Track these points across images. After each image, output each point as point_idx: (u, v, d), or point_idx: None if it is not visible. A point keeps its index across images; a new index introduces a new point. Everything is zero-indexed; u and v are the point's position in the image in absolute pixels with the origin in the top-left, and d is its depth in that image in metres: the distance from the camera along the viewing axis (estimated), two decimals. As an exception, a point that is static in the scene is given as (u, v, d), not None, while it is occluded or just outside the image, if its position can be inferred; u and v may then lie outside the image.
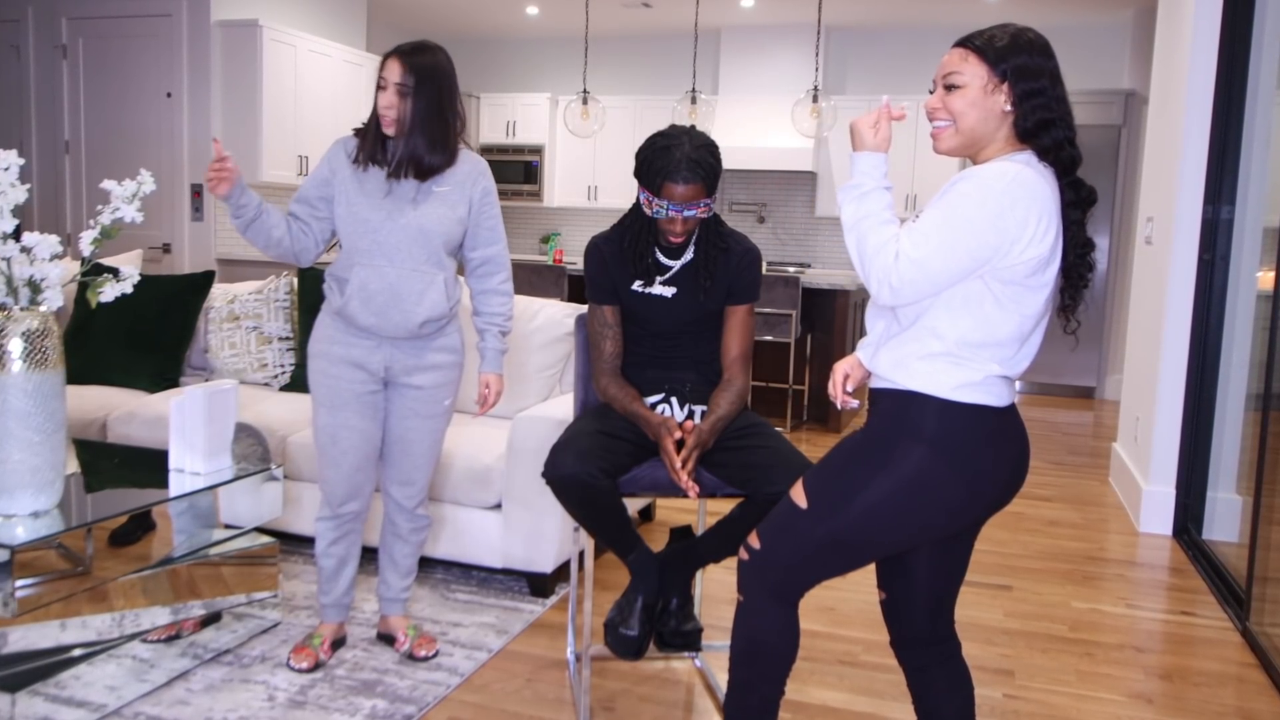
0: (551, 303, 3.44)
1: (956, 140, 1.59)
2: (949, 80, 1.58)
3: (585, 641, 2.30)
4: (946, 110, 1.58)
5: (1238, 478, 3.75)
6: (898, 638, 1.80)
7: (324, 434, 2.41)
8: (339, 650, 2.58)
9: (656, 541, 2.51)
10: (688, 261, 2.31)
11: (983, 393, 1.56)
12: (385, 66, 2.27)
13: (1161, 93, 4.35)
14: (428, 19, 8.13)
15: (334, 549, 2.50)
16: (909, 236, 1.53)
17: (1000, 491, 1.62)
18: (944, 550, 1.72)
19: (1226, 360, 3.78)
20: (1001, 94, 1.55)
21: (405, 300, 2.32)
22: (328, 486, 2.44)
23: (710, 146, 2.19)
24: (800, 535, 1.65)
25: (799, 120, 6.03)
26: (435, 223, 2.34)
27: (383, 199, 2.32)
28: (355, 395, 2.39)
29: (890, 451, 1.57)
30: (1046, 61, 1.56)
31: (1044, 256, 1.52)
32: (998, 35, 1.56)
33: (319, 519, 2.50)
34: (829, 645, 2.77)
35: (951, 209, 1.51)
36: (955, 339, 1.55)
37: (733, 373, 2.32)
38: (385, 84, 2.27)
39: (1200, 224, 3.79)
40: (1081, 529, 4.00)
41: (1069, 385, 7.26)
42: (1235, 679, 2.68)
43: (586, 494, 2.09)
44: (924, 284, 1.52)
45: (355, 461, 2.42)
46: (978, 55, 1.56)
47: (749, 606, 1.72)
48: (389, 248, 2.32)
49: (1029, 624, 2.99)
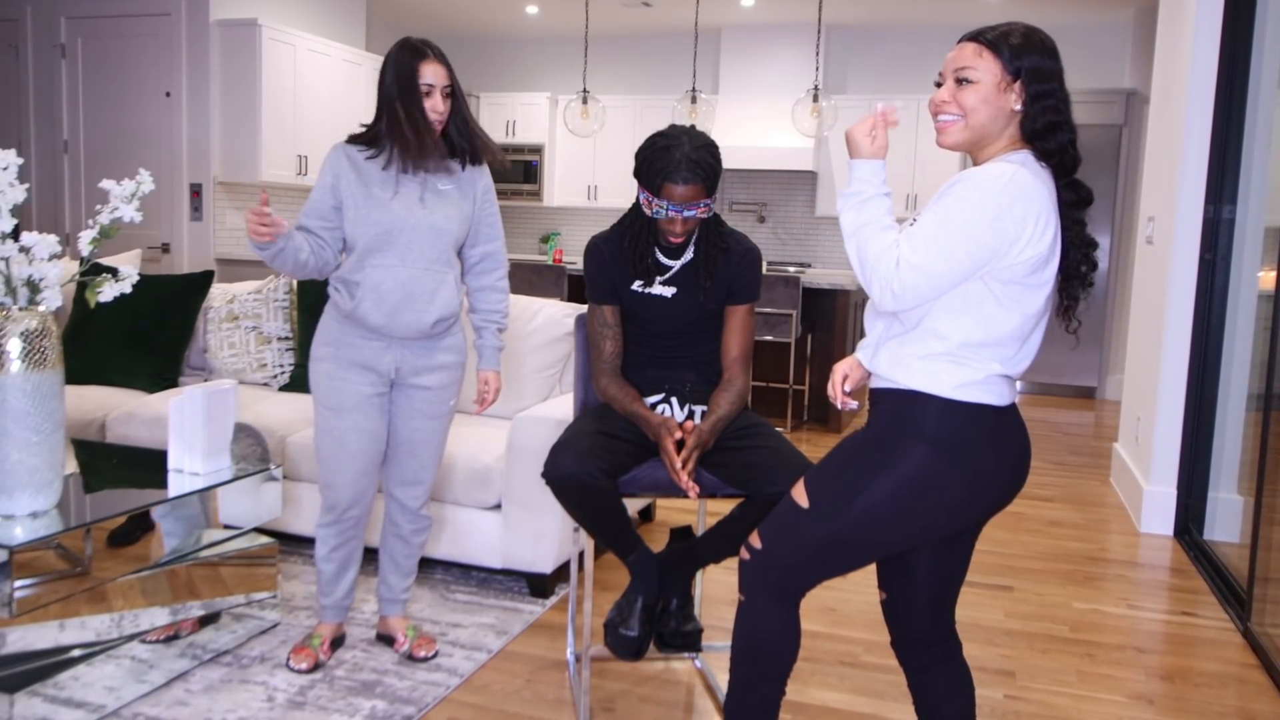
0: (551, 303, 3.44)
1: (964, 135, 1.58)
2: (961, 74, 1.56)
3: (585, 642, 2.30)
4: (957, 104, 1.57)
5: (1239, 478, 3.75)
6: (898, 638, 1.80)
7: (330, 438, 2.38)
8: (338, 650, 2.58)
9: (656, 542, 2.51)
10: (688, 261, 2.30)
11: (984, 392, 1.56)
12: (424, 71, 2.27)
13: (1163, 92, 4.35)
14: (427, 18, 8.12)
15: (336, 554, 2.49)
16: (909, 242, 1.52)
17: (1001, 491, 1.62)
18: (945, 550, 1.72)
19: (1228, 360, 3.77)
20: (1013, 93, 1.54)
21: (418, 300, 2.32)
22: (333, 492, 2.42)
23: (710, 146, 2.18)
24: (801, 535, 1.64)
25: (799, 120, 6.03)
26: (445, 221, 2.35)
27: (390, 200, 2.31)
28: (364, 398, 2.37)
29: (891, 451, 1.57)
30: (1055, 64, 1.56)
31: (1043, 255, 1.52)
32: (1012, 33, 1.55)
33: (321, 525, 2.47)
34: (830, 646, 2.76)
35: (949, 212, 1.51)
36: (958, 340, 1.55)
37: (733, 373, 2.32)
38: (431, 90, 2.28)
39: (1201, 224, 3.78)
40: (1082, 529, 4.00)
41: (1070, 385, 7.26)
42: (1236, 680, 2.67)
43: (586, 494, 2.09)
44: (926, 289, 1.52)
45: (362, 465, 2.40)
46: (992, 52, 1.54)
47: (750, 606, 1.71)
48: (401, 248, 2.31)
49: (1030, 624, 2.98)
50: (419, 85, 2.27)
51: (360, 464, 2.40)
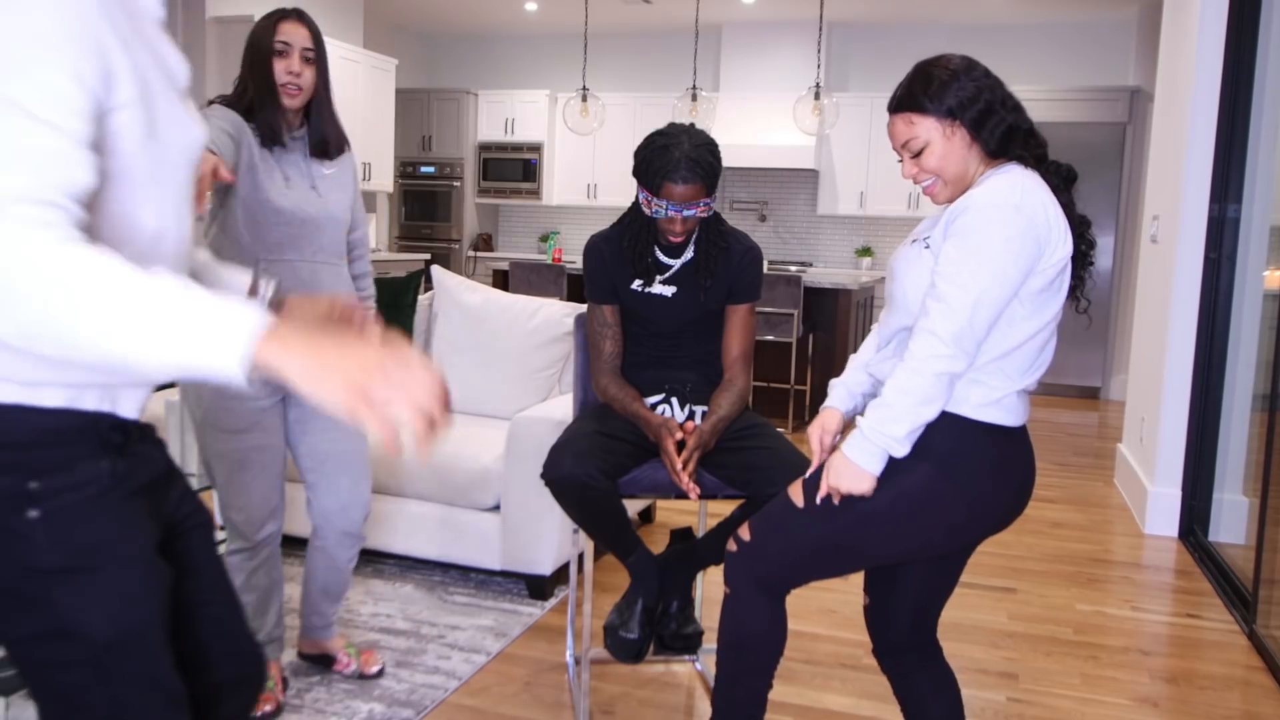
0: (550, 302, 3.42)
1: (950, 190, 1.61)
2: (909, 147, 1.60)
3: (585, 645, 2.28)
4: (925, 172, 1.60)
5: (1244, 479, 3.72)
6: (879, 646, 1.81)
7: (227, 462, 2.14)
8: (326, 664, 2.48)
9: (657, 543, 2.49)
10: (688, 260, 2.28)
11: (1000, 412, 1.56)
12: (282, 29, 2.05)
13: (1167, 90, 4.32)
14: (425, 14, 8.10)
15: (256, 579, 2.24)
16: (947, 284, 1.48)
17: (1002, 514, 1.62)
18: (936, 565, 1.72)
19: (1233, 360, 3.75)
20: (959, 130, 1.57)
21: None
22: (240, 515, 2.17)
23: (710, 145, 2.16)
24: (793, 533, 1.64)
25: (801, 117, 6.00)
26: (338, 208, 2.18)
27: (285, 186, 2.09)
28: (261, 411, 2.14)
29: (895, 464, 1.56)
30: (973, 77, 1.57)
31: (1069, 255, 1.54)
32: (920, 84, 1.57)
33: (230, 553, 2.21)
34: (832, 648, 2.74)
35: (981, 238, 1.48)
36: (987, 357, 1.54)
37: (734, 373, 2.30)
38: (288, 49, 2.05)
39: (1206, 222, 3.75)
40: (1086, 531, 3.97)
41: (1073, 385, 7.23)
42: (1242, 682, 2.65)
43: (586, 495, 2.07)
44: (988, 316, 1.49)
45: (269, 482, 2.19)
46: (918, 113, 1.57)
47: (735, 598, 1.71)
48: (300, 240, 2.11)
49: (1033, 627, 2.96)
50: (274, 46, 2.04)
51: (266, 481, 2.18)
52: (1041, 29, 7.27)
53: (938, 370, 1.48)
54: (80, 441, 1.00)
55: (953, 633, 2.86)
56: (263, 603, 2.27)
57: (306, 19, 2.12)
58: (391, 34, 8.37)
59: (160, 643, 1.02)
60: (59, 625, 0.97)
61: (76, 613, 0.97)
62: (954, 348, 1.47)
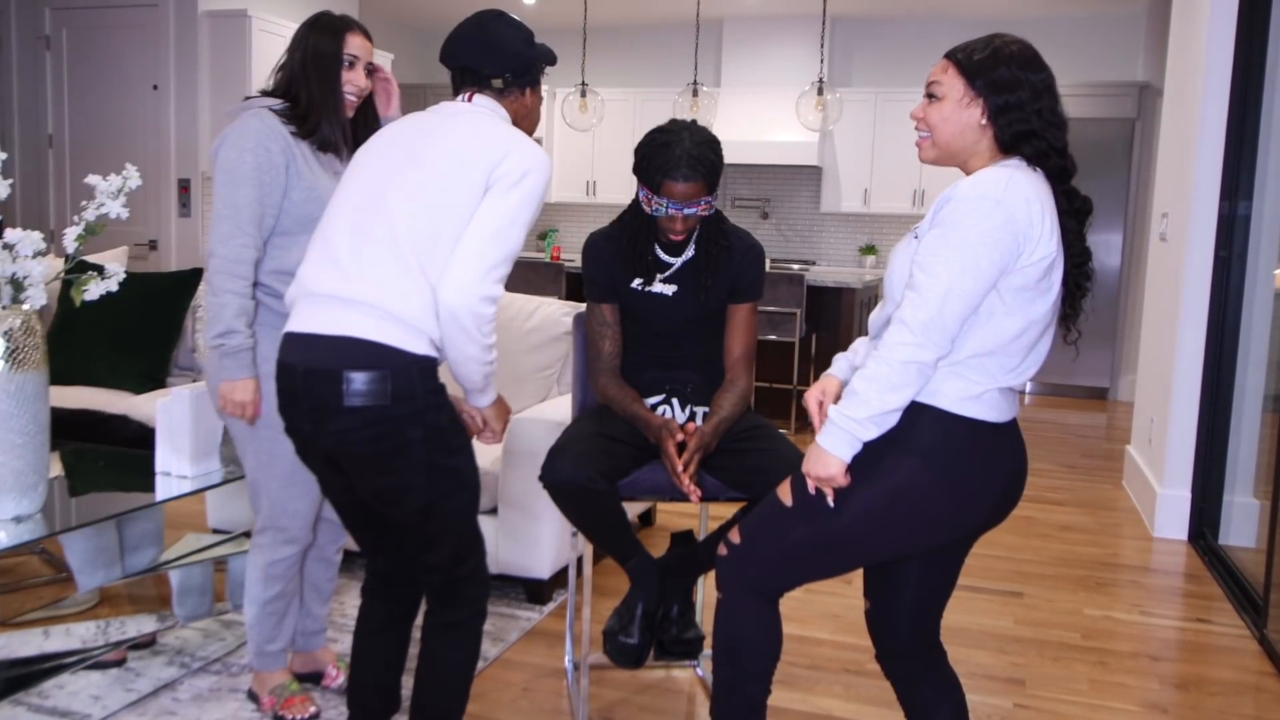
0: (549, 301, 3.38)
1: (934, 152, 1.61)
2: (930, 89, 1.60)
3: (584, 650, 2.27)
4: (925, 122, 1.61)
5: (1255, 481, 3.69)
6: (882, 650, 1.80)
7: (287, 463, 2.07)
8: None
9: (657, 547, 2.47)
10: (689, 259, 2.25)
11: (981, 407, 1.55)
12: (351, 43, 2.10)
13: (1176, 85, 4.28)
14: (422, 8, 8.06)
15: (289, 589, 2.19)
16: (922, 273, 1.49)
17: (991, 508, 1.61)
18: (932, 564, 1.71)
19: (1243, 360, 3.72)
20: (977, 108, 1.56)
21: None
22: (294, 521, 2.11)
23: (711, 142, 2.14)
24: (782, 534, 1.64)
25: (804, 113, 5.96)
26: None
27: (333, 183, 2.11)
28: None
29: (881, 459, 1.56)
30: (1027, 74, 1.55)
31: (1052, 255, 1.53)
32: (978, 48, 1.58)
33: (274, 561, 2.14)
34: (835, 654, 2.71)
35: (960, 230, 1.48)
36: (967, 352, 1.54)
37: (735, 373, 2.28)
38: (356, 63, 2.12)
39: (1216, 220, 3.72)
40: (1094, 534, 3.94)
41: (1081, 386, 7.18)
42: (1253, 688, 2.62)
43: (585, 498, 2.05)
44: (961, 309, 1.49)
45: (314, 483, 2.09)
46: (956, 68, 1.57)
47: (728, 603, 1.71)
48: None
49: (1040, 631, 2.93)
50: (344, 58, 2.09)
51: (311, 481, 2.10)
52: (1049, 23, 7.22)
53: (903, 358, 1.49)
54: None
55: (958, 637, 2.83)
56: (286, 612, 2.23)
57: (367, 31, 2.19)
58: (389, 28, 8.33)
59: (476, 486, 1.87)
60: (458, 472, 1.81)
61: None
62: (921, 336, 1.48)
